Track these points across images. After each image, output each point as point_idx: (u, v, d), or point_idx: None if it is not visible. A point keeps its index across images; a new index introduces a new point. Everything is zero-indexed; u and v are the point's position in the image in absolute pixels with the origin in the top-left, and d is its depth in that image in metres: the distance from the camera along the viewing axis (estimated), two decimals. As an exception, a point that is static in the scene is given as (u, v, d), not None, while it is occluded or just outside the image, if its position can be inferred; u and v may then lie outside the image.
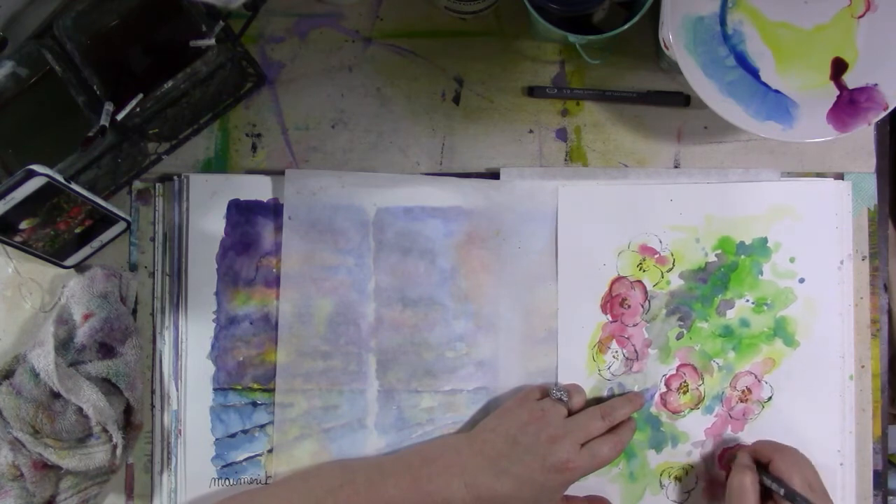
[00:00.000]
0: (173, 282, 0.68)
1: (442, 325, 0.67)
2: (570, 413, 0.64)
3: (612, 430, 0.63)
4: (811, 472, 0.62)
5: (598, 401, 0.67)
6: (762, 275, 0.67)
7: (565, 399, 0.64)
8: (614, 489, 0.67)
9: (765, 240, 0.67)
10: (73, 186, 0.59)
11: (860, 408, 0.68)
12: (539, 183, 0.68)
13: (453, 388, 0.67)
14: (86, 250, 0.67)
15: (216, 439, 0.67)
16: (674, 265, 0.68)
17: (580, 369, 0.67)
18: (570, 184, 0.68)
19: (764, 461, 0.63)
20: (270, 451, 0.67)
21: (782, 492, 0.60)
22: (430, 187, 0.68)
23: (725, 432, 0.67)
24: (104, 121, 0.59)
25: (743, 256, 0.67)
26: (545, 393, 0.65)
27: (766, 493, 0.61)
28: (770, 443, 0.65)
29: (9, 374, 0.62)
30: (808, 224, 0.67)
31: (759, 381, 0.67)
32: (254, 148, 0.69)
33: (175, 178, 0.68)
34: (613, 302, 0.68)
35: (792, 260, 0.67)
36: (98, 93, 0.60)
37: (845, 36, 0.61)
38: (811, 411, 0.67)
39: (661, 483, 0.68)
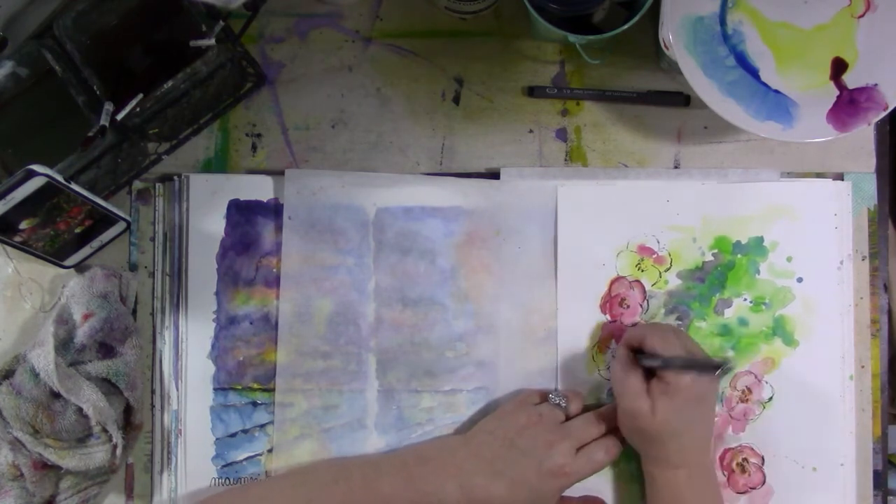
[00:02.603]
0: (173, 282, 0.68)
1: (442, 325, 0.67)
2: (568, 419, 0.64)
3: (608, 434, 0.63)
4: (688, 341, 0.62)
5: (597, 404, 0.67)
6: (759, 274, 0.67)
7: (563, 404, 0.64)
8: (614, 489, 0.67)
9: (761, 239, 0.67)
10: (73, 186, 0.59)
11: (860, 408, 0.68)
12: (539, 183, 0.68)
13: (453, 388, 0.67)
14: (86, 250, 0.67)
15: (216, 439, 0.67)
16: (671, 265, 0.68)
17: (580, 369, 0.67)
18: (570, 184, 0.68)
19: (637, 344, 0.62)
20: (270, 450, 0.67)
21: (658, 362, 0.59)
22: (430, 187, 0.68)
23: (726, 433, 0.67)
24: (104, 121, 0.59)
25: (739, 255, 0.67)
26: (544, 397, 0.65)
27: (652, 376, 0.61)
28: (640, 326, 0.65)
29: (9, 374, 0.62)
30: (805, 224, 0.67)
31: (759, 380, 0.67)
32: (254, 148, 0.69)
33: (175, 178, 0.68)
34: (613, 302, 0.68)
35: (789, 259, 0.67)
36: (98, 93, 0.60)
37: (845, 36, 0.61)
38: (811, 411, 0.67)
39: (660, 483, 0.67)
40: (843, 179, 0.68)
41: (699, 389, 0.59)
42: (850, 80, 0.61)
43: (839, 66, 0.61)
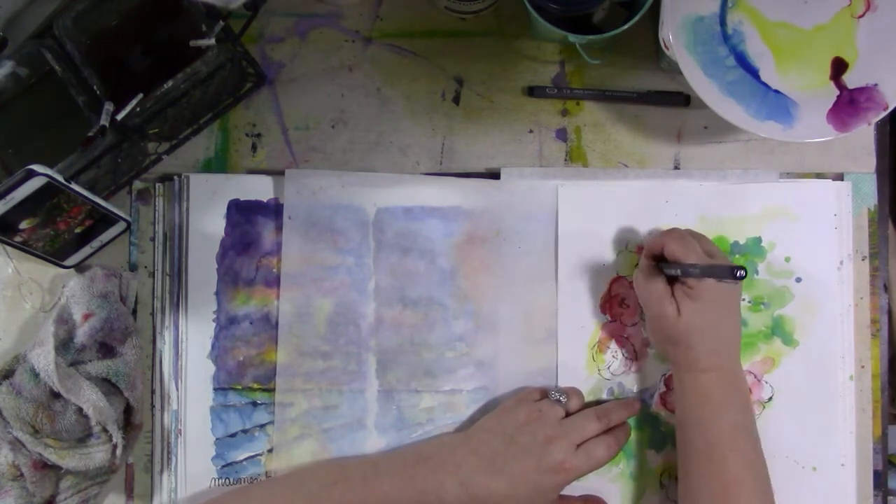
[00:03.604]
0: (173, 282, 0.68)
1: (442, 325, 0.67)
2: (568, 415, 0.64)
3: (607, 431, 0.63)
4: (707, 242, 0.62)
5: (597, 402, 0.67)
6: (757, 274, 0.67)
7: (563, 401, 0.64)
8: (614, 489, 0.67)
9: (759, 239, 0.67)
10: (73, 186, 0.59)
11: (860, 408, 0.68)
12: (539, 183, 0.68)
13: (453, 388, 0.67)
14: (86, 250, 0.67)
15: (216, 439, 0.67)
16: (672, 265, 0.68)
17: (580, 369, 0.67)
18: (570, 184, 0.68)
19: (658, 252, 0.62)
20: (270, 450, 0.67)
21: (676, 270, 0.60)
22: (430, 187, 0.68)
23: (725, 432, 0.67)
24: (104, 121, 0.59)
25: (737, 256, 0.67)
26: (544, 394, 0.65)
27: (673, 283, 0.61)
28: (659, 233, 0.64)
29: (9, 374, 0.62)
30: (804, 224, 0.67)
31: (759, 380, 0.67)
32: (254, 148, 0.69)
33: (175, 178, 0.68)
34: (613, 302, 0.68)
35: (787, 259, 0.67)
36: (98, 93, 0.60)
37: (845, 36, 0.61)
38: (811, 411, 0.67)
39: (661, 483, 0.68)
40: (843, 179, 0.68)
41: (721, 292, 0.59)
42: (850, 80, 0.61)
43: (839, 66, 0.61)
